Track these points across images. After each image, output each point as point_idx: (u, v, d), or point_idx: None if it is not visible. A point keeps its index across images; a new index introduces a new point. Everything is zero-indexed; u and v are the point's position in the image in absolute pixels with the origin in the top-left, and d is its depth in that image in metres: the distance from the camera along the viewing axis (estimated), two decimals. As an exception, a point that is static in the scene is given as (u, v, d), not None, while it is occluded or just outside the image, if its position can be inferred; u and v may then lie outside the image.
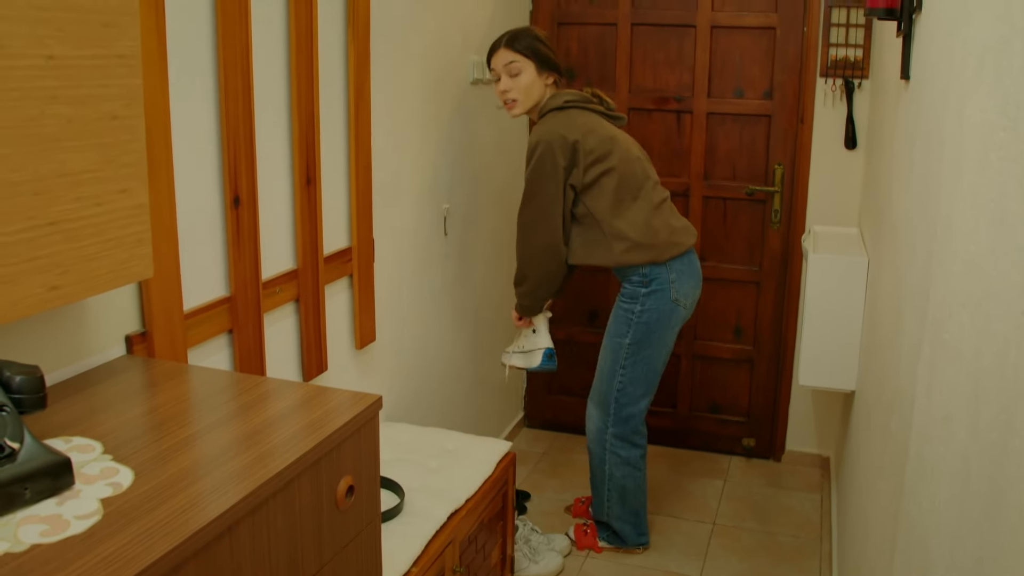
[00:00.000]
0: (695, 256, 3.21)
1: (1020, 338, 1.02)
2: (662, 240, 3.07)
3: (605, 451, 3.29)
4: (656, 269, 3.08)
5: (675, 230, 3.11)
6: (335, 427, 1.51)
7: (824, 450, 4.18)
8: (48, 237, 1.36)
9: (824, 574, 3.31)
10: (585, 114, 3.05)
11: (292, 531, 1.43)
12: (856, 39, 3.71)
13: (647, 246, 3.05)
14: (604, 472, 3.32)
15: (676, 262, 3.11)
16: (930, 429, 1.53)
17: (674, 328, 3.19)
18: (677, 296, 3.12)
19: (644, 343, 3.14)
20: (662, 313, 3.12)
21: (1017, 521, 0.97)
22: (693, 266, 3.18)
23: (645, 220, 3.05)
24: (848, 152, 3.81)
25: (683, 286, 3.13)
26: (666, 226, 3.09)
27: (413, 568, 2.24)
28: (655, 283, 3.09)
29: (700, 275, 3.23)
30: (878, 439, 2.29)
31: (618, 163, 3.01)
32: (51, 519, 1.19)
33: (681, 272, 3.12)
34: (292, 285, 2.38)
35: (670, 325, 3.16)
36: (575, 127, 2.99)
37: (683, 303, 3.15)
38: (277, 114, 2.29)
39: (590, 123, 3.02)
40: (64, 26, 1.35)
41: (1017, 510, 0.97)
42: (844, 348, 3.23)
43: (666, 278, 3.09)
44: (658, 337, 3.15)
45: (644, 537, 3.40)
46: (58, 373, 1.68)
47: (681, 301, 3.14)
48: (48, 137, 1.34)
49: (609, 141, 3.01)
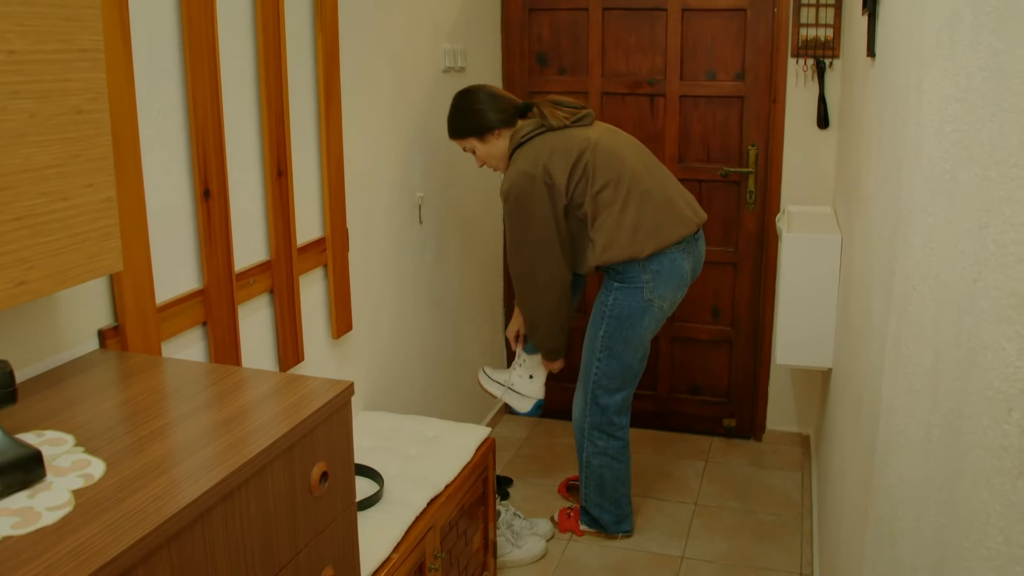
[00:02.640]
0: (681, 257, 3.07)
1: (972, 307, 1.04)
2: (640, 236, 2.97)
3: (584, 439, 3.31)
4: (630, 266, 3.02)
5: (657, 225, 2.99)
6: (307, 413, 1.52)
7: (804, 429, 4.21)
8: (14, 232, 1.36)
9: (805, 551, 3.34)
10: (545, 138, 3.00)
11: (266, 518, 1.44)
12: (826, 19, 3.72)
13: (623, 243, 2.97)
14: (582, 459, 3.34)
15: (654, 262, 3.02)
16: (896, 402, 1.55)
17: (646, 327, 3.12)
18: (651, 296, 3.06)
19: (615, 337, 3.12)
20: (633, 310, 3.07)
21: (972, 485, 0.99)
22: (676, 268, 3.06)
23: (616, 221, 2.97)
24: (821, 131, 3.83)
25: (659, 287, 3.06)
26: (647, 221, 2.98)
27: (394, 554, 2.25)
28: (628, 280, 3.05)
29: (684, 277, 3.10)
30: (852, 415, 2.32)
31: (590, 167, 2.96)
32: (22, 511, 1.20)
33: (658, 273, 3.03)
34: (266, 276, 2.39)
35: (642, 323, 3.10)
36: (539, 156, 2.96)
37: (657, 303, 3.08)
38: (246, 106, 2.29)
39: (551, 144, 2.97)
40: (25, 21, 1.35)
41: (971, 475, 0.99)
42: (820, 326, 3.26)
43: (639, 277, 3.03)
44: (630, 333, 3.12)
45: (625, 525, 3.41)
46: (30, 368, 1.68)
47: (655, 302, 3.07)
48: (11, 132, 1.34)
49: (576, 151, 2.96)
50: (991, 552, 0.90)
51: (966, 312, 1.07)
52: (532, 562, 3.27)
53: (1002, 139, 0.95)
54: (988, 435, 0.94)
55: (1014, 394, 0.86)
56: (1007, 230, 0.91)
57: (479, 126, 3.06)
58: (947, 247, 1.20)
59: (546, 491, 3.77)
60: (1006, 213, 0.92)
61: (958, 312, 1.11)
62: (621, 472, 3.32)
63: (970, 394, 1.03)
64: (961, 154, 1.15)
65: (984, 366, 0.97)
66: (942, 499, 1.14)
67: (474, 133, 3.08)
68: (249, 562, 1.41)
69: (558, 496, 3.71)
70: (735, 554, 3.33)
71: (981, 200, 1.02)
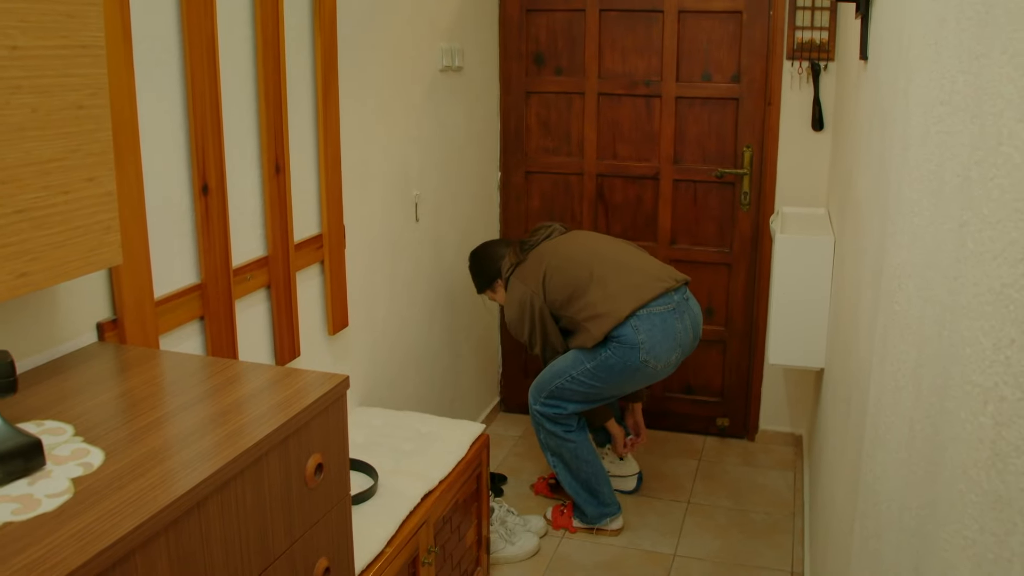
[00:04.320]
0: (671, 317, 3.19)
1: (953, 303, 1.06)
2: (620, 301, 3.14)
3: (536, 423, 3.40)
4: (623, 331, 3.14)
5: (632, 287, 3.17)
6: (303, 405, 1.54)
7: (797, 428, 4.24)
8: (16, 225, 1.38)
9: (796, 550, 3.37)
10: (522, 268, 3.36)
11: (261, 508, 1.46)
12: (822, 21, 3.75)
13: (609, 312, 3.13)
14: (541, 442, 3.43)
15: (644, 322, 3.13)
16: (883, 399, 1.57)
17: (636, 381, 3.25)
18: (647, 357, 3.15)
19: (600, 377, 3.21)
20: (627, 365, 3.17)
21: (950, 477, 1.01)
22: (667, 327, 3.18)
23: (598, 298, 3.16)
24: (815, 134, 3.86)
25: (655, 347, 3.15)
26: (620, 288, 3.17)
27: (387, 548, 2.27)
28: (624, 341, 3.14)
29: (676, 335, 3.20)
30: (842, 414, 2.34)
31: (558, 273, 3.25)
32: (23, 498, 1.22)
33: (651, 332, 3.14)
34: (263, 272, 2.41)
35: (631, 379, 3.22)
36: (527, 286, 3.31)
37: (653, 364, 3.17)
38: (245, 103, 2.31)
39: (526, 272, 3.33)
40: (27, 17, 1.37)
41: (950, 467, 1.02)
42: (812, 326, 3.28)
43: (634, 338, 3.13)
44: (615, 381, 3.23)
45: (609, 508, 3.44)
46: (30, 360, 1.71)
47: (651, 363, 3.16)
48: (13, 126, 1.36)
49: (539, 266, 3.30)
50: (967, 541, 0.93)
51: (948, 308, 1.09)
52: (525, 558, 3.29)
53: (982, 140, 0.97)
54: (966, 428, 0.96)
55: (989, 387, 0.89)
56: (984, 228, 0.93)
57: (493, 273, 3.53)
58: (931, 245, 1.22)
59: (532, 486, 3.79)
60: (984, 212, 0.94)
61: (941, 309, 1.14)
62: (578, 451, 3.38)
63: (951, 388, 1.05)
64: (945, 155, 1.17)
65: (963, 360, 0.99)
66: (923, 492, 1.17)
67: (488, 281, 3.57)
68: (244, 551, 1.43)
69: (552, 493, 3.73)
70: (727, 552, 3.35)
71: (962, 199, 1.05)
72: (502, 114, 4.23)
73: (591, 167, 4.16)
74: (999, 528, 0.84)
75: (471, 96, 3.88)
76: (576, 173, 4.20)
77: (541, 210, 4.28)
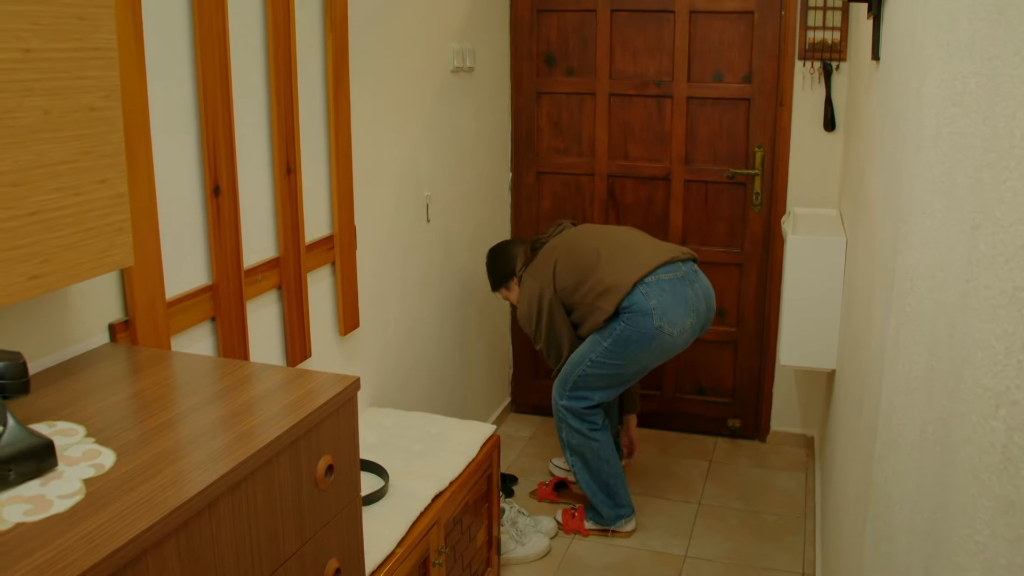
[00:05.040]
0: (681, 283, 3.20)
1: (965, 306, 1.06)
2: (625, 271, 3.16)
3: (560, 421, 3.39)
4: (634, 299, 3.13)
5: (636, 257, 3.19)
6: (314, 407, 1.54)
7: (808, 430, 4.22)
8: (28, 227, 1.39)
9: (808, 551, 3.36)
10: (534, 264, 3.40)
11: (272, 509, 1.47)
12: (833, 21, 3.74)
13: (617, 285, 3.14)
14: (562, 440, 3.42)
15: (654, 288, 3.13)
16: (895, 401, 1.57)
17: (654, 352, 3.21)
18: (661, 323, 3.13)
19: (618, 353, 3.20)
20: (643, 334, 3.15)
21: (962, 481, 1.01)
22: (679, 292, 3.18)
23: (606, 274, 3.18)
24: (827, 134, 3.84)
25: (668, 312, 3.14)
26: (625, 261, 3.18)
27: (398, 549, 2.27)
28: (636, 309, 3.13)
29: (690, 301, 3.20)
30: (854, 415, 2.34)
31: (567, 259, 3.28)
32: (35, 499, 1.23)
33: (662, 297, 3.14)
34: (274, 273, 2.41)
35: (649, 349, 3.19)
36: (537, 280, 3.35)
37: (668, 331, 3.15)
38: (256, 104, 2.32)
39: (537, 267, 3.37)
40: (40, 20, 1.37)
41: (962, 471, 1.01)
42: (824, 328, 3.27)
43: (645, 304, 3.12)
44: (633, 355, 3.20)
45: (624, 510, 3.43)
46: (42, 361, 1.71)
47: (666, 328, 3.14)
48: (26, 129, 1.36)
49: (550, 259, 3.33)
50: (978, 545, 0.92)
51: (960, 311, 1.09)
52: (536, 559, 3.29)
53: (994, 142, 0.97)
54: (978, 431, 0.96)
55: (1001, 391, 0.88)
56: (997, 231, 0.93)
57: (508, 272, 3.57)
58: (943, 247, 1.22)
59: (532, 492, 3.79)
60: (997, 215, 0.94)
61: (953, 311, 1.13)
62: (601, 451, 3.37)
63: (962, 392, 1.05)
64: (957, 156, 1.17)
65: (975, 364, 0.99)
66: (935, 495, 1.16)
67: (504, 279, 3.60)
68: (255, 552, 1.43)
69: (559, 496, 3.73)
70: (738, 554, 3.35)
71: (975, 201, 1.04)
72: (513, 115, 4.23)
73: (602, 168, 4.16)
74: (1011, 533, 0.84)
75: (482, 97, 3.89)
76: (587, 174, 4.20)
77: (552, 211, 4.28)
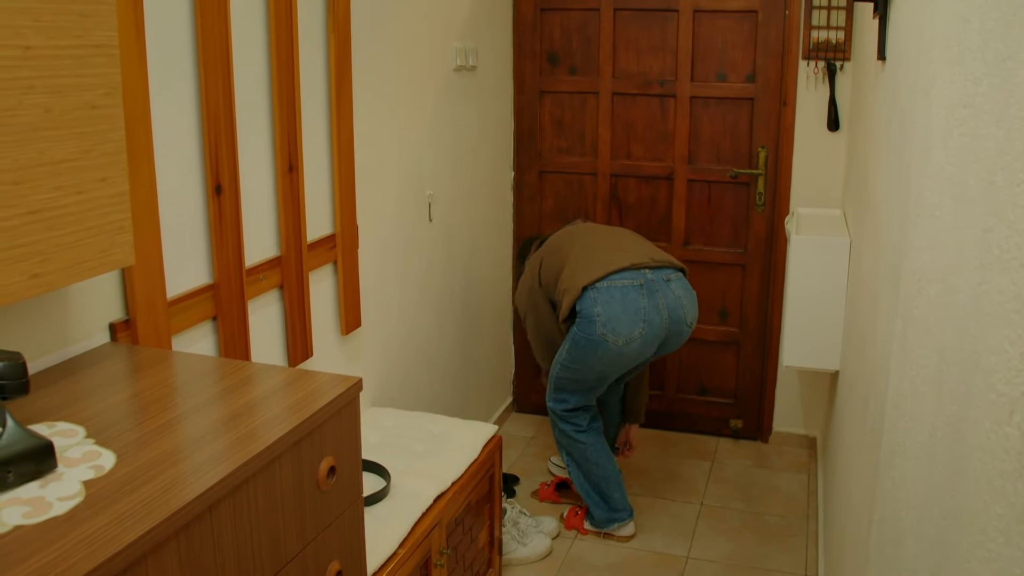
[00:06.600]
0: (635, 291, 3.09)
1: (977, 310, 1.04)
2: (579, 275, 3.14)
3: (551, 421, 3.41)
4: (583, 303, 3.11)
5: (594, 262, 3.15)
6: (316, 408, 1.53)
7: (811, 430, 4.21)
8: (29, 226, 1.38)
9: (810, 553, 3.35)
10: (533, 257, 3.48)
11: (273, 511, 1.45)
12: (838, 21, 3.72)
13: (568, 288, 3.15)
14: (556, 437, 3.43)
15: (602, 294, 3.07)
16: (902, 404, 1.55)
17: (603, 360, 3.13)
18: (604, 331, 3.05)
19: (575, 358, 3.19)
20: (588, 346, 3.11)
21: (974, 487, 1.00)
22: (628, 302, 3.07)
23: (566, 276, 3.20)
24: (831, 134, 3.83)
25: (611, 321, 3.05)
26: (583, 264, 3.17)
27: (400, 549, 2.26)
28: (584, 315, 3.10)
29: (640, 312, 3.07)
30: (858, 417, 2.32)
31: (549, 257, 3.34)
32: (34, 501, 1.22)
33: (608, 305, 3.06)
34: (276, 272, 2.40)
35: (597, 356, 3.12)
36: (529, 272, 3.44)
37: (612, 339, 3.06)
38: (258, 102, 2.30)
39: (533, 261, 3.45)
40: (40, 17, 1.36)
41: (973, 477, 1.00)
42: (827, 328, 3.26)
43: (591, 310, 3.08)
44: (584, 360, 3.16)
45: (619, 514, 3.41)
46: (42, 360, 1.70)
47: (609, 337, 3.06)
48: (26, 127, 1.35)
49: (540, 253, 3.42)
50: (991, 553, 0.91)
51: (971, 315, 1.07)
52: (537, 560, 3.28)
53: (1008, 144, 0.95)
54: (990, 438, 0.95)
55: (1016, 397, 0.87)
56: (1011, 235, 0.92)
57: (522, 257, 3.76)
58: (953, 250, 1.20)
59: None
60: (1010, 218, 0.92)
61: (963, 315, 1.12)
62: (588, 453, 3.36)
63: (973, 397, 1.03)
64: (968, 158, 1.16)
65: (987, 369, 0.97)
66: (944, 501, 1.15)
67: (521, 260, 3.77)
68: (257, 555, 1.42)
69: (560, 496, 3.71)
70: (740, 555, 3.33)
71: (986, 204, 1.03)
72: (516, 114, 4.22)
73: (605, 167, 4.15)
74: (1026, 542, 0.82)
75: (485, 95, 3.87)
76: (590, 173, 4.18)
77: (555, 210, 4.26)
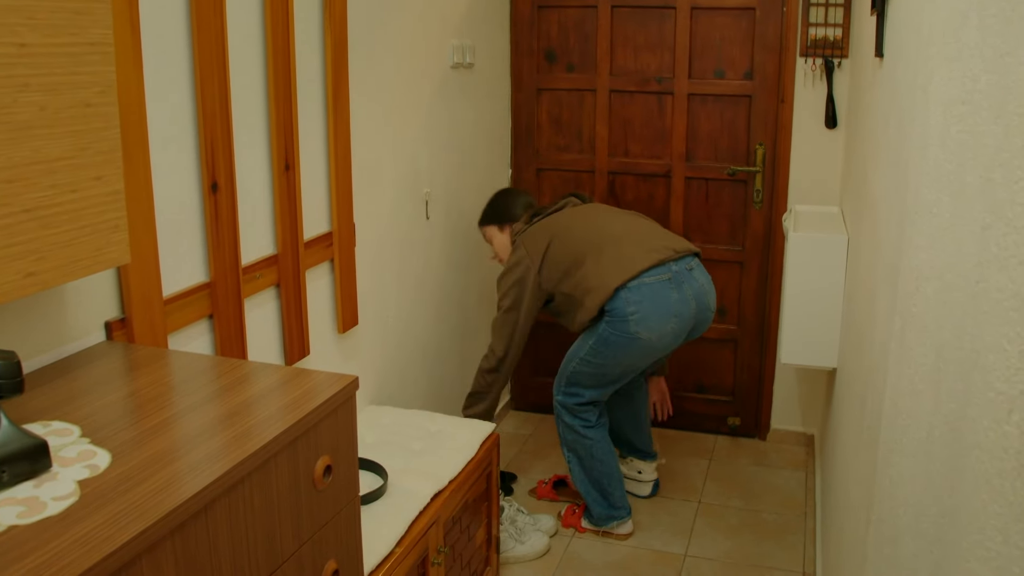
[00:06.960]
0: (665, 288, 3.12)
1: (975, 308, 1.04)
2: (609, 276, 3.11)
3: (557, 415, 3.39)
4: (615, 303, 3.10)
5: (622, 259, 3.12)
6: (312, 407, 1.53)
7: (809, 428, 4.21)
8: (23, 224, 1.37)
9: (808, 550, 3.35)
10: (531, 235, 3.33)
11: (269, 510, 1.45)
12: (835, 18, 3.72)
13: (598, 288, 3.10)
14: (560, 433, 3.41)
15: (634, 293, 3.08)
16: (900, 402, 1.55)
17: (634, 356, 3.17)
18: (638, 329, 3.08)
19: (601, 353, 3.18)
20: (619, 343, 3.12)
21: (972, 486, 0.99)
22: (660, 298, 3.10)
23: (590, 272, 3.14)
24: (829, 131, 3.83)
25: (645, 319, 3.08)
26: (612, 262, 3.13)
27: (397, 548, 2.26)
28: (615, 314, 3.10)
29: (671, 307, 3.12)
30: (856, 415, 2.32)
31: (559, 245, 3.24)
32: (28, 501, 1.21)
33: (641, 304, 3.08)
34: (272, 270, 2.40)
35: (628, 353, 3.16)
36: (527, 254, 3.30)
37: (645, 336, 3.10)
38: (254, 100, 2.30)
39: (533, 240, 3.31)
40: (35, 14, 1.35)
41: (972, 475, 1.00)
42: (825, 326, 3.26)
43: (623, 309, 3.08)
44: (614, 356, 3.17)
45: (618, 512, 3.41)
46: (37, 359, 1.69)
47: (643, 334, 3.09)
48: (21, 125, 1.34)
49: (546, 236, 3.28)
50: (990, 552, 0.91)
51: (969, 313, 1.07)
52: (535, 558, 3.28)
53: (1006, 141, 0.95)
54: (989, 436, 0.94)
55: (1014, 395, 0.87)
56: (1010, 232, 0.91)
57: (500, 212, 3.51)
58: (951, 248, 1.20)
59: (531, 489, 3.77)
60: (1009, 215, 0.92)
61: (961, 313, 1.12)
62: (594, 450, 3.35)
63: (972, 395, 1.03)
64: (966, 156, 1.15)
65: (985, 367, 0.97)
66: (943, 499, 1.15)
67: (496, 219, 3.52)
68: (252, 554, 1.42)
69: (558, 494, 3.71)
70: (738, 553, 3.33)
71: (985, 202, 1.03)
72: (513, 111, 4.21)
73: (603, 164, 4.14)
74: (1024, 541, 0.82)
75: (482, 93, 3.86)
76: (588, 170, 4.18)
77: (552, 207, 4.26)
